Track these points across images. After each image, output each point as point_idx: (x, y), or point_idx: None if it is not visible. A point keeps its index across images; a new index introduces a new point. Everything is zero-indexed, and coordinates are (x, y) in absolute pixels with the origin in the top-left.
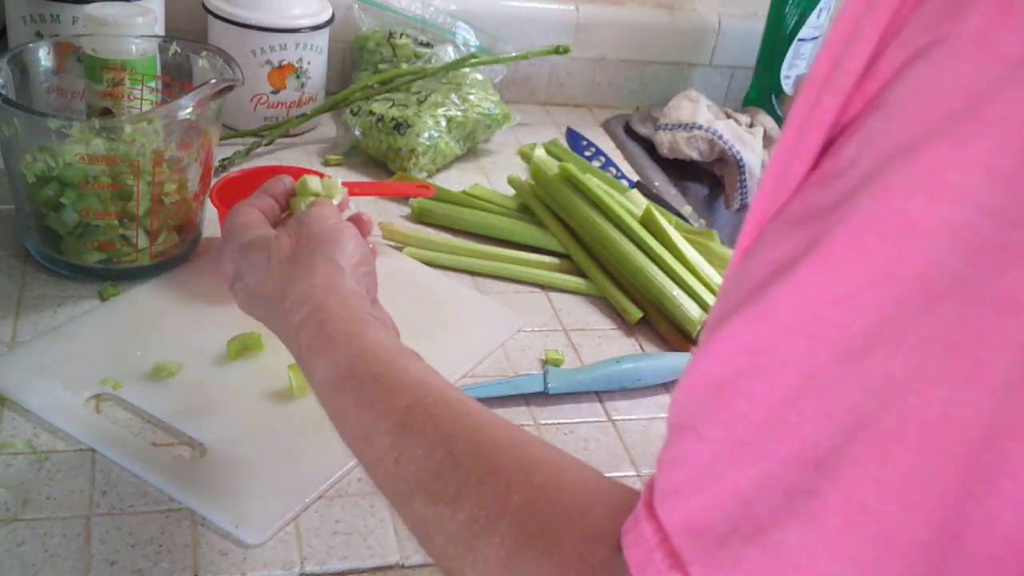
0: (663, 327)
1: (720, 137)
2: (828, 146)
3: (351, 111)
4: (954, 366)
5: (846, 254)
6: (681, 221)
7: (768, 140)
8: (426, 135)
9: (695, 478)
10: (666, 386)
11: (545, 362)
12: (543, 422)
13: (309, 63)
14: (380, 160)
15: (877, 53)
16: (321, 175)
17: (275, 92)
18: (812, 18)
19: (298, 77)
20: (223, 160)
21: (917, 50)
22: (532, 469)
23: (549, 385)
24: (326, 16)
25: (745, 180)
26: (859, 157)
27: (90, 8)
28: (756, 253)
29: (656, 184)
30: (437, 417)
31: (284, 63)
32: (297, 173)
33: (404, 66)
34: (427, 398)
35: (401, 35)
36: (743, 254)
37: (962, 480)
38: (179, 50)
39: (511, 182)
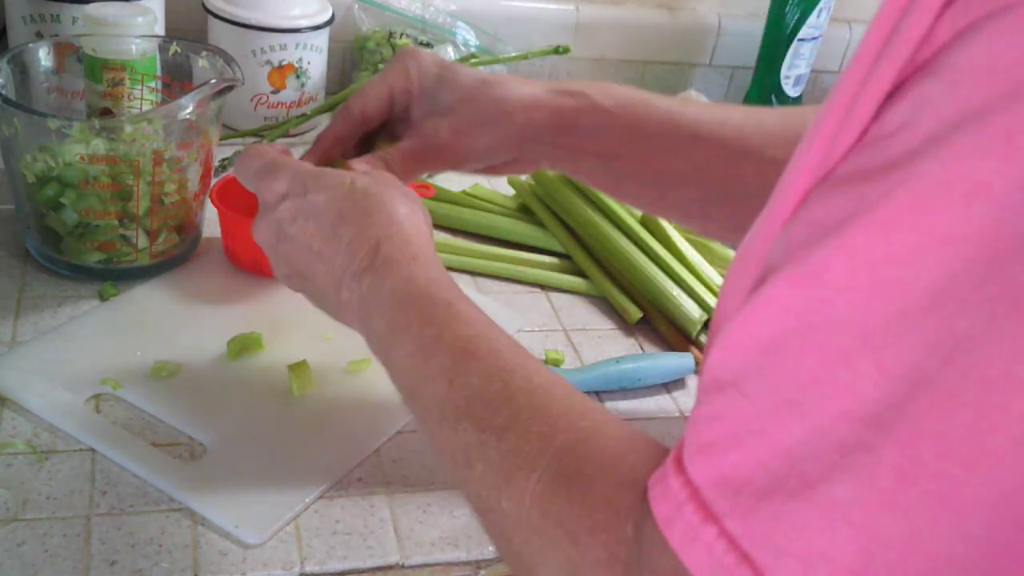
0: (663, 327)
1: None
2: (877, 112)
3: None
4: (1018, 325)
5: (909, 216)
6: None
7: None
8: None
9: (734, 435)
10: (666, 386)
11: (545, 362)
12: None
13: (309, 63)
14: None
15: (935, 20)
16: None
17: (275, 92)
18: (812, 18)
19: (298, 77)
20: (223, 160)
21: (980, 16)
22: (579, 414)
23: None
24: (326, 16)
25: None
26: (914, 121)
27: (90, 8)
28: (800, 216)
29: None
30: (499, 352)
31: (284, 63)
32: None
33: None
34: (492, 334)
35: (401, 35)
36: (792, 212)
37: (1021, 441)
38: (179, 50)
39: (511, 182)
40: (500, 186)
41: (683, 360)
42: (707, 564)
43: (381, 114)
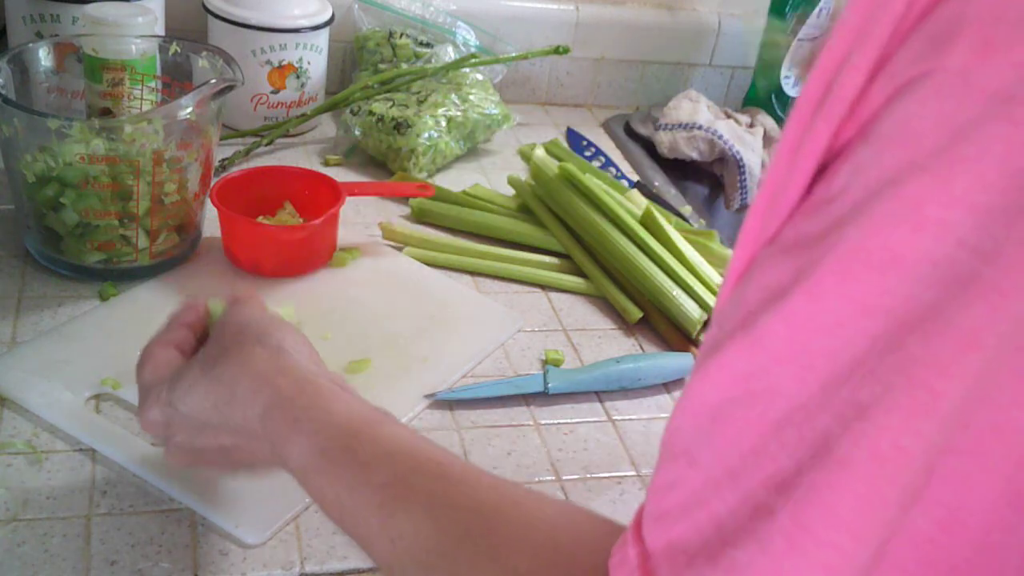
0: (663, 327)
1: (720, 137)
2: (822, 171)
3: (351, 111)
4: (910, 397)
5: (835, 284)
6: (681, 221)
7: (768, 140)
8: (426, 135)
9: (684, 504)
10: (666, 386)
11: (545, 362)
12: (543, 422)
13: (309, 63)
14: (380, 160)
15: (869, 80)
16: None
17: (275, 92)
18: (812, 18)
19: (298, 77)
20: (223, 160)
21: (905, 82)
22: (529, 526)
23: (549, 385)
24: (326, 16)
25: (745, 180)
26: (849, 186)
27: (90, 8)
28: (750, 279)
29: (656, 184)
30: (419, 489)
31: (284, 63)
32: (296, 173)
33: (404, 66)
34: (405, 468)
35: (401, 35)
36: (737, 278)
37: (903, 506)
38: (179, 50)
39: (511, 182)
40: (500, 186)
41: (683, 360)
42: None
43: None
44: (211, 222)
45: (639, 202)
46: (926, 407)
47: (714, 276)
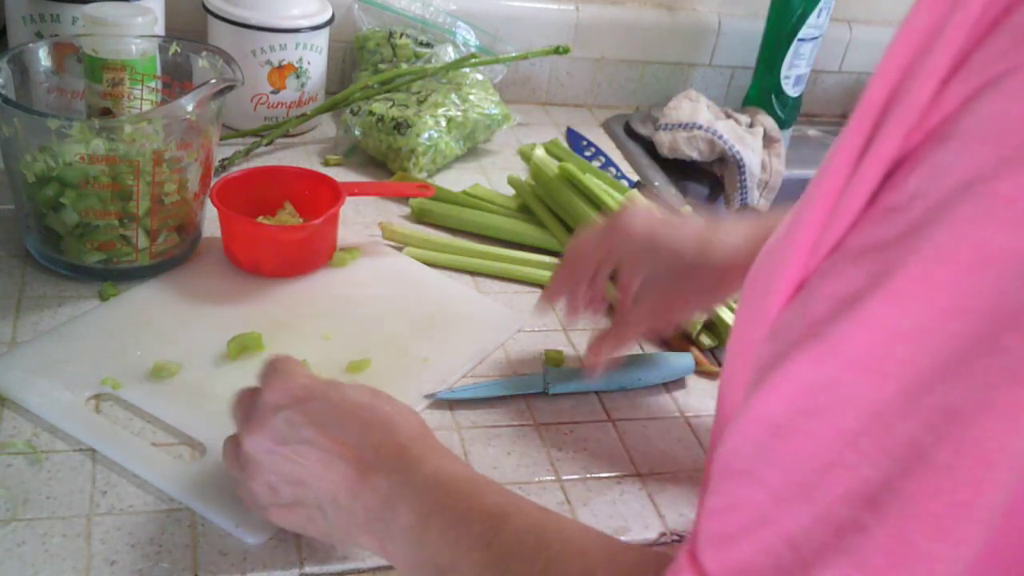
0: None
1: (720, 137)
2: (886, 178)
3: (351, 111)
4: (1011, 397)
5: (918, 287)
6: None
7: (768, 140)
8: (426, 135)
9: (749, 523)
10: (666, 386)
11: (545, 363)
12: (543, 422)
13: (309, 63)
14: (380, 160)
15: (942, 84)
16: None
17: (275, 92)
18: (812, 18)
19: (298, 77)
20: (223, 160)
21: (986, 81)
22: (617, 551)
23: (549, 385)
24: (326, 16)
25: (745, 180)
26: (926, 190)
27: (90, 8)
28: (813, 290)
29: (656, 184)
30: (528, 512)
31: (284, 63)
32: (296, 173)
33: (404, 66)
34: (520, 500)
35: (401, 35)
36: (793, 291)
37: (1000, 510)
38: (179, 50)
39: (511, 182)
40: (500, 186)
41: (683, 360)
42: None
43: (591, 269)
44: (211, 222)
45: (639, 202)
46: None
47: None
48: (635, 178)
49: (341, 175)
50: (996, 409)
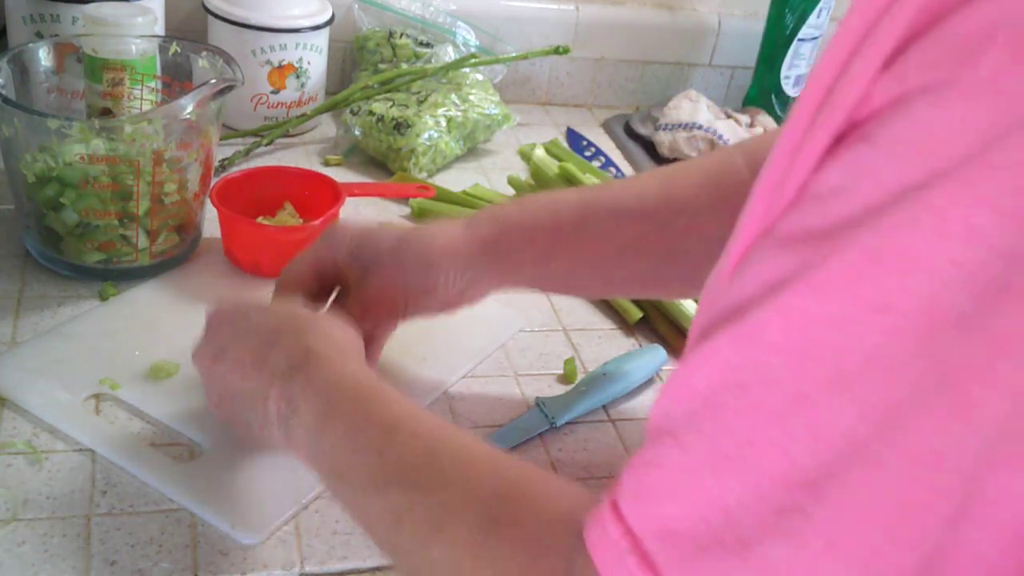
0: (663, 327)
1: (720, 137)
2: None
3: (351, 111)
4: (946, 400)
5: (846, 283)
6: None
7: None
8: (426, 135)
9: (671, 485)
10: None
11: (539, 402)
12: None
13: (309, 63)
14: (380, 160)
15: (871, 81)
16: None
17: (275, 92)
18: (812, 18)
19: (298, 77)
20: (223, 160)
21: (915, 88)
22: (506, 466)
23: (553, 419)
24: (326, 16)
25: None
26: (852, 186)
27: (90, 8)
28: (744, 271)
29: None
30: (426, 423)
31: (284, 63)
32: (296, 173)
33: (404, 66)
34: (419, 412)
35: (401, 35)
36: (733, 268)
37: (946, 514)
38: (179, 50)
39: (511, 182)
40: (500, 186)
41: (656, 354)
42: None
43: (309, 284)
44: (211, 222)
45: None
46: (963, 413)
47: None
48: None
49: (341, 175)
50: (931, 412)
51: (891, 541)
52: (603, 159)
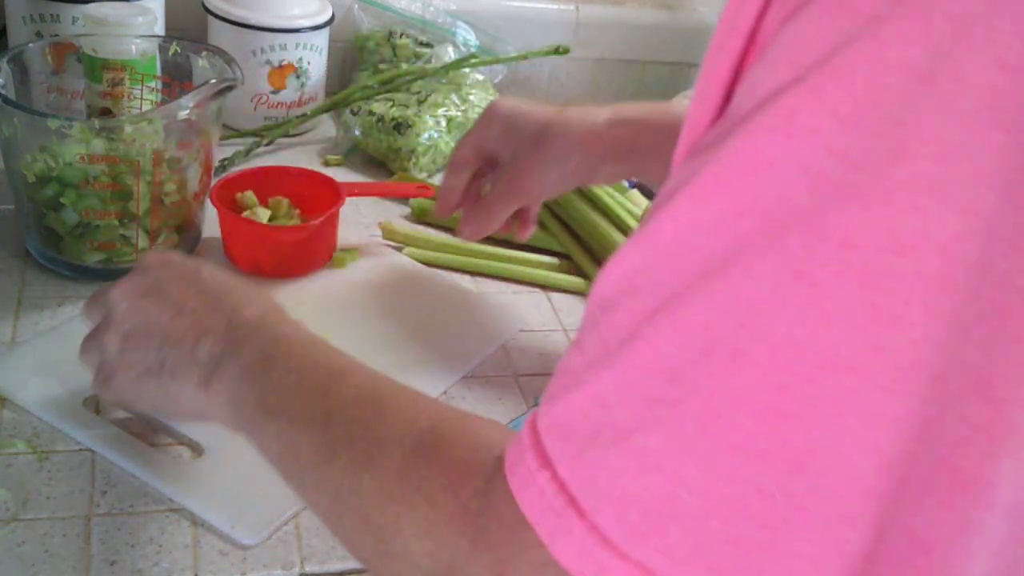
0: None
1: None
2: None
3: (351, 111)
4: (799, 293)
5: (713, 186)
6: None
7: None
8: (426, 135)
9: (567, 384)
10: None
11: (538, 402)
12: None
13: (309, 63)
14: (380, 160)
15: (763, 11)
16: None
17: (275, 92)
18: None
19: (298, 77)
20: (223, 160)
21: (794, 7)
22: (445, 408)
23: None
24: (326, 16)
25: None
26: (741, 101)
27: (90, 8)
28: (660, 190)
29: (656, 184)
30: (372, 373)
31: (284, 63)
32: (296, 174)
33: (404, 66)
34: (363, 366)
35: (401, 35)
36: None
37: (806, 399)
38: (179, 50)
39: None
40: None
41: None
42: (539, 506)
43: (475, 161)
44: (211, 222)
45: (639, 202)
46: (815, 304)
47: None
48: (635, 178)
49: (341, 175)
50: (784, 303)
51: (758, 424)
52: None
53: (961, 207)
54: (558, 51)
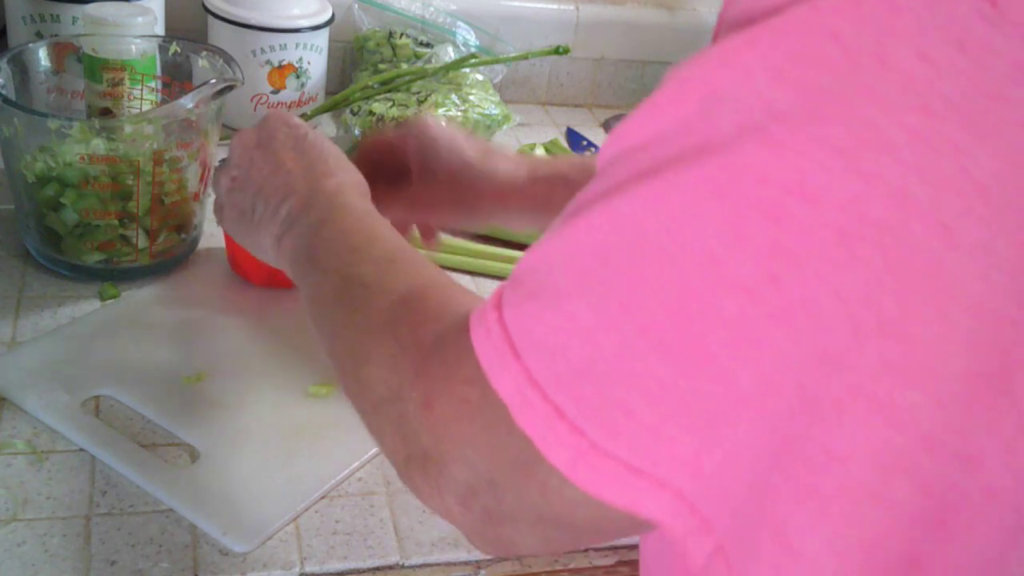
0: None
1: None
2: None
3: (351, 111)
4: (716, 212)
5: (665, 102)
6: None
7: None
8: None
9: (537, 242)
10: None
11: None
12: None
13: (309, 63)
14: None
15: None
16: None
17: (275, 92)
18: None
19: (298, 77)
20: (223, 160)
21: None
22: (447, 279)
23: None
24: (326, 16)
25: None
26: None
27: (90, 8)
28: None
29: None
30: (390, 241)
31: (284, 63)
32: None
33: (404, 66)
34: (406, 244)
35: (401, 35)
36: None
37: (706, 309)
38: (179, 50)
39: None
40: None
41: None
42: (486, 342)
43: (380, 155)
44: (211, 222)
45: None
46: (730, 226)
47: None
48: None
49: None
50: (702, 219)
51: (664, 326)
52: None
53: (867, 174)
54: (558, 51)
